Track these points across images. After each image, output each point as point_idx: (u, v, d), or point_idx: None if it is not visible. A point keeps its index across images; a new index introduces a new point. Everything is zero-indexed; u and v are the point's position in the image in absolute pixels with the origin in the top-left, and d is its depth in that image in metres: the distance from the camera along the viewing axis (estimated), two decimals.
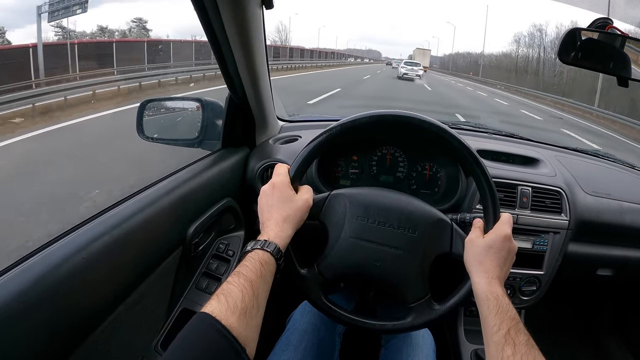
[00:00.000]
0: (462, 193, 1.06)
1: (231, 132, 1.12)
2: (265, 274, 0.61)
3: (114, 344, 0.70)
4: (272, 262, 0.63)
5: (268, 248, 0.64)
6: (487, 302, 0.64)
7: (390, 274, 0.74)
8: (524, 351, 0.55)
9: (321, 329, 0.94)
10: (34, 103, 6.74)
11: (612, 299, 1.58)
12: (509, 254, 0.70)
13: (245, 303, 0.53)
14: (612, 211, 1.19)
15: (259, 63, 0.99)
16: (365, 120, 0.75)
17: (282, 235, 0.67)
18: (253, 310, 0.55)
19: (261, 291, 0.58)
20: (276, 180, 0.72)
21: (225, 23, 0.82)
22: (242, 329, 0.51)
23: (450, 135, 0.75)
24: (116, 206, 0.76)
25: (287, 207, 0.70)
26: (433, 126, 0.75)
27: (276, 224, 0.68)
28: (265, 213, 0.70)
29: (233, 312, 0.52)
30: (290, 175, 0.74)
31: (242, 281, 0.56)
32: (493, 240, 0.70)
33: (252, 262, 0.60)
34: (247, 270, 0.59)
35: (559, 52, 0.95)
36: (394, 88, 16.46)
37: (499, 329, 0.59)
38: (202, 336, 0.49)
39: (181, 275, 0.91)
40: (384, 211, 0.75)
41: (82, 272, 0.61)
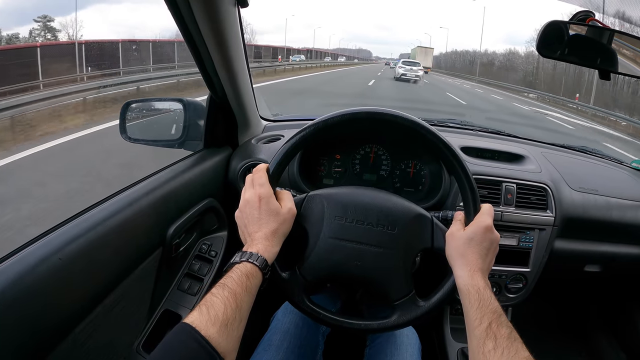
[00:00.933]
0: (446, 190, 1.06)
1: (213, 132, 1.11)
2: (251, 287, 0.60)
3: (94, 345, 0.70)
4: (258, 275, 0.63)
5: (256, 262, 0.63)
6: (469, 295, 0.63)
7: (371, 272, 0.73)
8: (506, 345, 0.55)
9: (304, 329, 0.93)
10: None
11: (600, 294, 1.57)
12: (491, 245, 0.69)
13: (227, 315, 0.53)
14: (599, 207, 1.18)
15: (238, 62, 0.98)
16: (338, 119, 0.74)
17: (271, 250, 0.67)
18: (235, 322, 0.54)
19: (245, 303, 0.58)
20: (261, 192, 0.70)
21: (199, 22, 0.82)
22: (222, 339, 0.51)
23: (422, 128, 0.73)
24: (93, 208, 0.75)
25: (275, 220, 0.69)
26: (406, 120, 0.74)
27: (265, 237, 0.67)
28: (252, 225, 0.69)
29: (214, 324, 0.52)
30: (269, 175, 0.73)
31: (226, 294, 0.56)
32: (474, 232, 0.69)
33: (238, 274, 0.60)
34: (232, 282, 0.58)
35: (539, 45, 0.94)
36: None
37: (480, 323, 0.59)
38: (181, 346, 0.49)
39: (162, 276, 0.91)
40: (362, 209, 0.75)
41: (59, 273, 0.61)
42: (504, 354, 0.54)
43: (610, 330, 1.52)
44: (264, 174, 0.72)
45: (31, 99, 6.11)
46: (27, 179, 3.68)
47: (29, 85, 7.35)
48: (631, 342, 1.41)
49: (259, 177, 0.71)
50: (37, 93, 6.83)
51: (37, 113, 5.79)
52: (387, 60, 59.64)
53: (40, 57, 8.16)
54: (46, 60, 8.35)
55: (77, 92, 7.19)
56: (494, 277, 1.12)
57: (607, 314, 1.55)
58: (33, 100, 6.04)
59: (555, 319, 1.65)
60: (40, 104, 6.06)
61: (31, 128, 5.31)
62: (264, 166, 0.73)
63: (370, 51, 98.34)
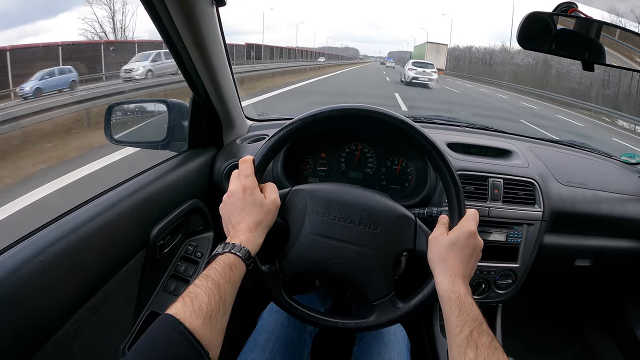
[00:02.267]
0: (431, 187, 1.05)
1: (197, 132, 1.11)
2: (234, 279, 0.60)
3: (78, 347, 0.70)
4: (242, 266, 0.62)
5: (239, 253, 0.63)
6: (450, 302, 0.63)
7: (351, 271, 0.73)
8: (487, 354, 0.54)
9: (289, 329, 0.93)
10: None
11: (592, 289, 1.57)
12: (473, 251, 0.68)
13: (211, 307, 0.53)
14: (588, 201, 1.18)
15: (218, 62, 0.97)
16: (325, 115, 0.74)
17: (255, 242, 0.66)
18: (219, 314, 0.54)
19: (228, 295, 0.57)
20: (246, 183, 0.69)
21: (176, 22, 0.81)
22: (207, 332, 0.51)
23: (409, 127, 0.73)
24: (74, 210, 0.75)
25: (259, 211, 0.69)
26: (394, 119, 0.73)
27: (249, 229, 0.67)
28: (235, 216, 0.69)
29: (198, 315, 0.51)
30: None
31: (209, 285, 0.55)
32: (457, 238, 0.68)
33: (221, 265, 0.60)
34: (215, 273, 0.58)
35: (520, 37, 0.93)
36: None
37: (461, 331, 0.58)
38: (164, 338, 0.49)
39: (147, 278, 0.91)
40: (345, 207, 0.74)
41: (40, 276, 0.61)
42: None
43: (602, 324, 1.52)
44: (250, 165, 0.72)
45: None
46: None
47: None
48: (623, 335, 1.41)
49: (245, 168, 0.71)
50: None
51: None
52: (380, 59, 58.10)
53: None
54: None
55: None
56: (483, 273, 1.12)
57: (599, 308, 1.55)
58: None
59: (547, 314, 1.65)
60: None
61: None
62: (250, 158, 0.73)
63: (357, 49, 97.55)
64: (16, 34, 13.90)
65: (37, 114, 4.98)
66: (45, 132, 4.74)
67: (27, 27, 12.98)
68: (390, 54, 68.81)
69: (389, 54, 68.28)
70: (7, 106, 5.55)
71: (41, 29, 17.13)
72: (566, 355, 1.50)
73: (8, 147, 3.96)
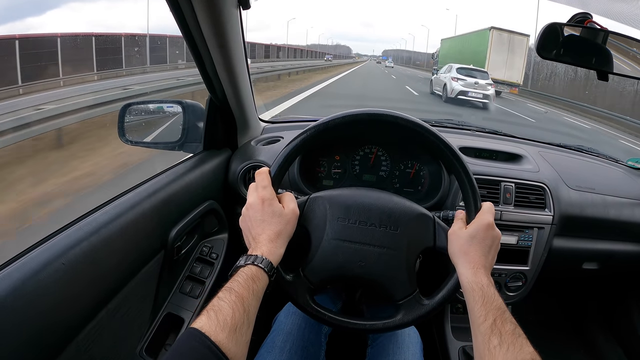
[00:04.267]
0: (445, 191, 1.06)
1: (212, 134, 1.11)
2: (257, 291, 0.60)
3: (97, 350, 0.69)
4: (264, 278, 0.62)
5: (261, 264, 0.63)
6: (473, 293, 0.63)
7: (375, 272, 0.73)
8: (511, 341, 0.55)
9: (306, 330, 0.93)
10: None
11: (598, 291, 1.59)
12: (493, 242, 0.70)
13: (236, 320, 0.53)
14: (596, 205, 1.20)
15: (238, 64, 0.98)
16: (339, 121, 0.75)
17: (276, 252, 0.67)
18: (243, 327, 0.54)
19: (252, 307, 0.58)
20: (264, 194, 0.70)
21: (202, 24, 0.82)
22: (232, 345, 0.51)
23: (426, 130, 0.74)
24: (95, 211, 0.75)
25: (278, 221, 0.69)
26: (408, 122, 0.74)
27: (269, 240, 0.67)
28: (256, 228, 0.69)
29: (223, 329, 0.51)
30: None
31: (233, 297, 0.56)
32: (476, 230, 0.69)
33: (244, 277, 0.60)
34: (238, 286, 0.58)
35: (538, 47, 0.95)
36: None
37: (485, 320, 0.59)
38: (192, 352, 0.49)
39: (164, 280, 0.91)
40: (365, 210, 0.75)
41: (62, 279, 0.60)
42: (510, 350, 0.54)
43: (607, 327, 1.54)
44: (267, 176, 0.72)
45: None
46: None
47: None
48: (628, 338, 1.43)
49: (262, 179, 0.71)
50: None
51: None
52: (374, 58, 56.62)
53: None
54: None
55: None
56: (494, 275, 1.13)
57: (605, 311, 1.57)
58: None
59: (554, 316, 1.67)
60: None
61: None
62: (266, 169, 0.73)
63: (349, 47, 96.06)
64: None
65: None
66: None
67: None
68: (385, 52, 67.44)
69: (383, 52, 67.11)
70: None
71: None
72: (572, 357, 1.52)
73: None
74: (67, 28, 10.66)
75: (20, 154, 3.70)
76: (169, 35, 12.34)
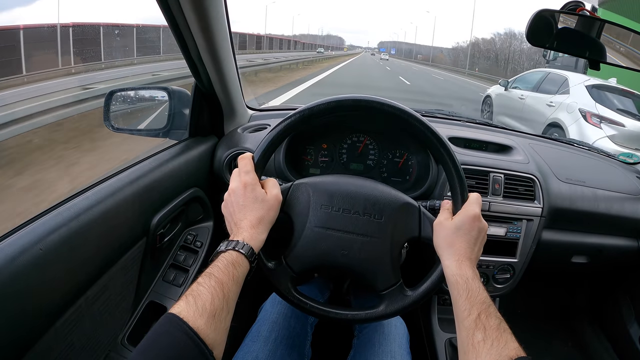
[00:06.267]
0: (433, 180, 1.05)
1: (198, 121, 1.09)
2: (238, 276, 0.59)
3: (77, 337, 0.69)
4: (245, 264, 0.62)
5: (242, 250, 0.62)
6: (457, 285, 0.62)
7: (358, 262, 0.73)
8: (495, 336, 0.54)
9: (292, 320, 0.93)
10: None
11: (586, 285, 1.59)
12: (479, 234, 0.68)
13: (215, 306, 0.52)
14: (586, 198, 1.19)
15: (223, 50, 0.96)
16: (323, 107, 0.73)
17: (258, 238, 0.66)
18: (222, 313, 0.53)
19: (232, 293, 0.57)
20: (246, 179, 0.69)
21: (184, 7, 0.80)
22: (210, 331, 0.50)
23: (412, 118, 0.72)
24: (75, 197, 0.74)
25: (260, 207, 0.68)
26: (394, 108, 0.72)
27: (251, 225, 0.66)
28: (237, 213, 0.68)
29: (201, 315, 0.50)
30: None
31: (212, 283, 0.55)
32: (462, 221, 0.68)
33: (224, 263, 0.59)
34: (218, 271, 0.57)
35: (528, 34, 0.94)
36: None
37: (469, 314, 0.58)
38: (168, 337, 0.48)
39: (147, 267, 0.90)
40: (349, 198, 0.74)
41: (39, 265, 0.59)
42: (494, 345, 0.53)
43: (595, 320, 1.54)
44: (249, 161, 0.71)
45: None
46: None
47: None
48: (615, 331, 1.43)
49: (244, 164, 0.70)
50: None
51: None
52: (369, 50, 54.51)
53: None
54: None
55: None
56: (482, 267, 1.13)
57: (594, 305, 1.57)
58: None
59: (542, 309, 1.67)
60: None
61: None
62: (249, 155, 0.72)
63: (342, 38, 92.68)
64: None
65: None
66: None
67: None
68: (381, 44, 65.48)
69: (379, 44, 65.44)
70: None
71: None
72: (559, 350, 1.52)
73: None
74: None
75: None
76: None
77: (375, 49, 63.82)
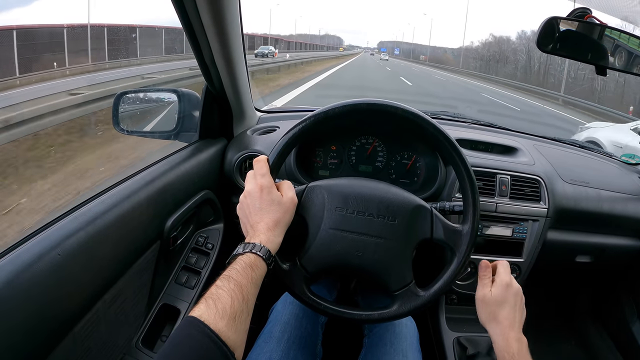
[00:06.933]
0: (442, 182, 1.07)
1: (208, 123, 1.10)
2: (256, 279, 0.60)
3: (94, 341, 0.69)
4: (262, 266, 0.62)
5: (260, 252, 0.62)
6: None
7: (372, 263, 0.74)
8: None
9: (303, 320, 0.93)
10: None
11: (589, 284, 1.61)
12: (516, 300, 0.74)
13: (235, 308, 0.53)
14: (591, 199, 1.21)
15: (236, 52, 0.96)
16: (338, 110, 0.74)
17: (274, 241, 0.66)
18: (242, 315, 0.54)
19: (251, 295, 0.57)
20: (262, 182, 0.69)
21: (201, 10, 0.80)
22: (231, 333, 0.51)
23: (425, 122, 0.74)
24: (91, 201, 0.74)
25: (277, 209, 0.68)
26: (407, 113, 0.74)
27: (268, 228, 0.66)
28: (254, 216, 0.68)
29: (222, 317, 0.51)
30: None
31: (232, 286, 0.55)
32: (500, 294, 0.73)
33: (242, 265, 0.59)
34: (237, 274, 0.57)
35: (538, 41, 0.96)
36: None
37: None
38: (190, 340, 0.48)
39: (160, 270, 0.90)
40: (363, 200, 0.75)
41: (58, 270, 0.60)
42: None
43: (598, 318, 1.56)
44: (265, 164, 0.71)
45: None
46: None
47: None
48: (619, 330, 1.45)
49: (260, 167, 0.71)
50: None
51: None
52: (368, 50, 53.98)
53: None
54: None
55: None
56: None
57: (597, 304, 1.59)
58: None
59: (546, 308, 1.68)
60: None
61: None
62: (264, 157, 0.73)
63: (340, 38, 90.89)
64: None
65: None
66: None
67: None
68: (381, 44, 64.65)
69: (379, 44, 64.87)
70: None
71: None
72: (563, 349, 1.54)
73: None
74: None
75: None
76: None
77: (375, 49, 63.02)
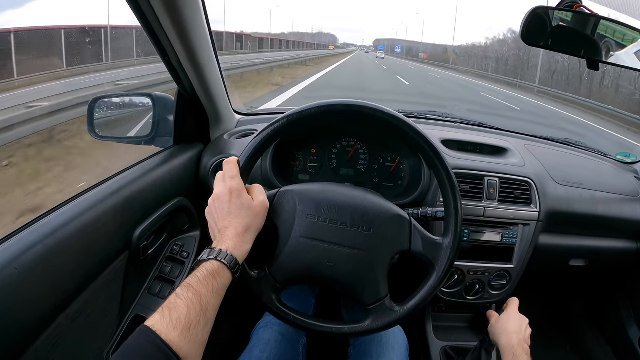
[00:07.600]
0: (425, 186, 1.03)
1: (183, 127, 1.06)
2: (218, 288, 0.57)
3: (59, 355, 0.67)
4: (226, 274, 0.59)
5: (225, 260, 0.59)
6: None
7: (344, 274, 0.70)
8: None
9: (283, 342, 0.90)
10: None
11: (585, 288, 1.56)
12: (521, 324, 0.96)
13: (191, 318, 0.51)
14: (584, 201, 1.16)
15: (204, 53, 0.92)
16: (313, 111, 0.70)
17: (243, 248, 0.64)
18: (199, 325, 0.52)
19: (211, 305, 0.55)
20: (232, 185, 0.66)
21: (157, 11, 0.76)
22: (184, 343, 0.49)
23: (404, 124, 0.70)
24: (51, 213, 0.71)
25: (247, 214, 0.65)
26: (385, 114, 0.70)
27: (237, 234, 0.63)
28: (222, 220, 0.65)
29: (175, 327, 0.49)
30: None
31: (190, 295, 0.53)
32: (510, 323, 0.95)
33: (204, 273, 0.57)
34: (197, 282, 0.55)
35: (523, 33, 0.91)
36: None
37: None
38: (139, 350, 0.47)
39: (131, 281, 0.87)
40: (336, 208, 0.71)
41: (14, 285, 0.57)
42: None
43: (594, 323, 1.52)
44: (235, 166, 0.68)
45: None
46: None
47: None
48: (615, 334, 1.40)
49: (230, 169, 0.67)
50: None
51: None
52: (364, 48, 53.16)
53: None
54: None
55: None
56: (477, 274, 1.10)
57: (593, 308, 1.55)
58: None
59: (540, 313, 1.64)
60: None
61: None
62: (235, 159, 0.69)
63: (335, 36, 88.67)
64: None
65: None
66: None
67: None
68: (376, 42, 63.09)
69: (375, 41, 63.67)
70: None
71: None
72: (559, 354, 1.50)
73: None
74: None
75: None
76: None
77: (371, 47, 61.73)
